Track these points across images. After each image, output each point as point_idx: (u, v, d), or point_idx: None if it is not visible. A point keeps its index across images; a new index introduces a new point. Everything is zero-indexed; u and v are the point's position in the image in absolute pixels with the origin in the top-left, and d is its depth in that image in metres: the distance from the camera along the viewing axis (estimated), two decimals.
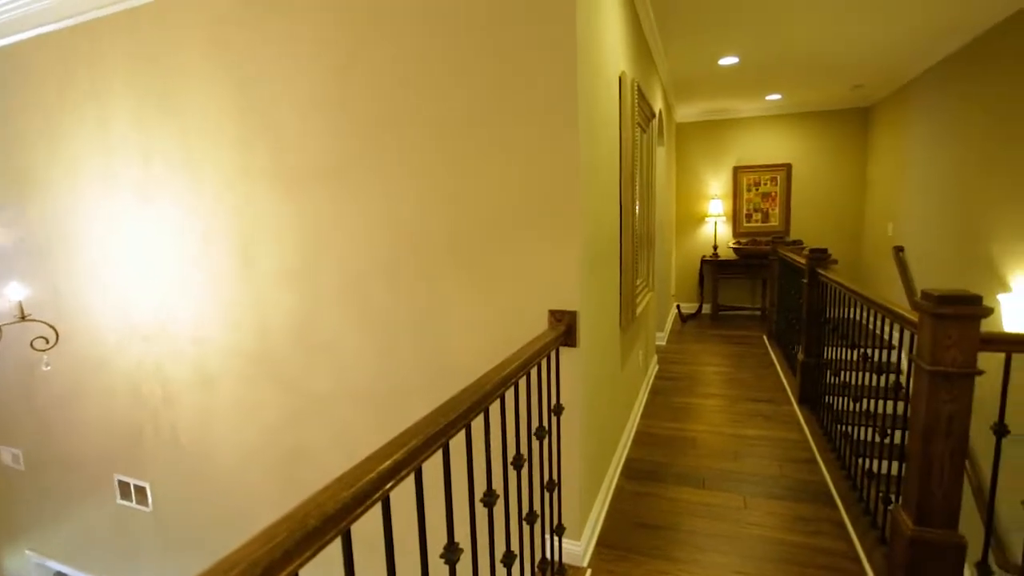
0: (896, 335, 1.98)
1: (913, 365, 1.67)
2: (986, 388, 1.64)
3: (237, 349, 2.51)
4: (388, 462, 0.86)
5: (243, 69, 2.26)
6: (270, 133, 2.25)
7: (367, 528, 1.10)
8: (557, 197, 1.80)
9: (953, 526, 1.62)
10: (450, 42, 1.88)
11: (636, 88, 2.65)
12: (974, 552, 1.71)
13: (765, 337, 5.62)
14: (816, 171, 6.51)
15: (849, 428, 2.61)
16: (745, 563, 2.07)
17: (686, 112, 6.57)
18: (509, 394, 1.45)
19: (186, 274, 2.58)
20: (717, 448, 3.05)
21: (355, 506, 0.78)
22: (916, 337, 1.65)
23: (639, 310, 2.93)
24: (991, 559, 3.16)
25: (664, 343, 5.45)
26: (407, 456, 0.89)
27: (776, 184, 6.65)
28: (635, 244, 2.88)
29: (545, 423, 1.69)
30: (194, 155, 2.44)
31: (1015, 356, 1.59)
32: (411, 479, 0.96)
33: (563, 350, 1.83)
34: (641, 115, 3.05)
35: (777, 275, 5.08)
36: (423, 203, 2.01)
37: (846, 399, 2.67)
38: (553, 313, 1.83)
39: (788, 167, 6.58)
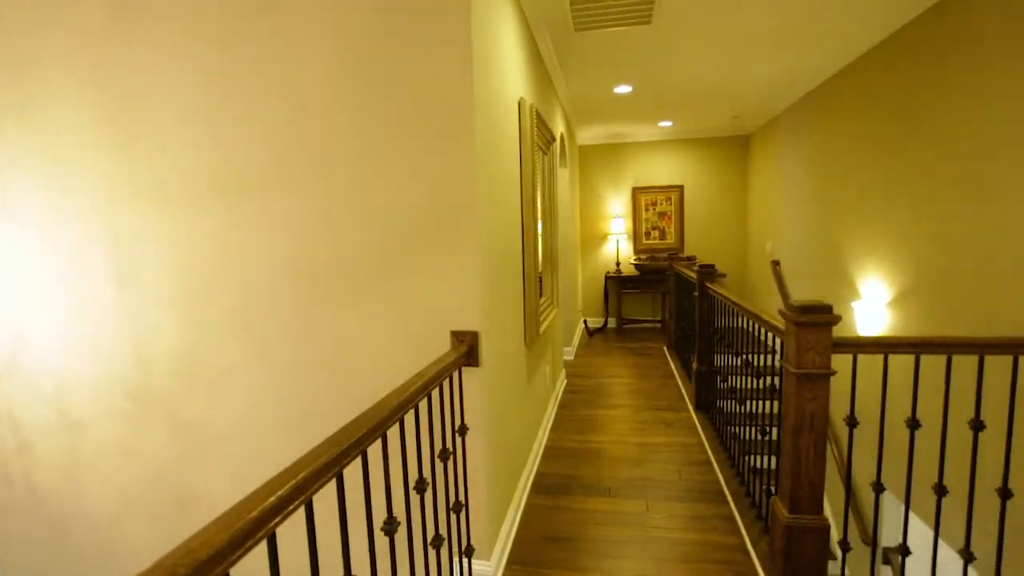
0: (770, 342, 2.19)
1: (782, 368, 1.85)
2: (840, 384, 1.86)
3: (111, 386, 2.27)
4: (272, 498, 0.83)
5: (117, 79, 2.09)
6: (150, 148, 2.09)
7: (253, 571, 1.04)
8: (455, 217, 1.83)
9: (819, 511, 1.80)
10: (344, 56, 1.86)
11: (535, 113, 2.76)
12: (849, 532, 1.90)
13: (665, 348, 5.97)
14: (705, 192, 7.08)
15: (737, 429, 2.83)
16: (648, 565, 2.16)
17: (587, 135, 6.91)
18: (410, 418, 1.44)
19: (47, 301, 2.31)
20: (622, 457, 3.18)
21: (233, 549, 0.73)
22: (784, 343, 1.83)
23: (544, 327, 3.02)
24: (858, 536, 3.53)
25: (572, 357, 5.62)
26: (294, 490, 0.86)
27: (671, 204, 7.14)
28: (538, 262, 2.97)
29: (450, 445, 1.69)
30: (61, 169, 2.21)
31: (859, 357, 1.81)
32: (303, 513, 0.92)
33: (466, 370, 1.84)
34: (541, 138, 3.17)
35: (674, 289, 5.44)
36: (321, 224, 1.96)
37: (734, 402, 2.90)
38: (455, 334, 1.84)
39: (681, 188, 7.09)
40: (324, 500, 1.08)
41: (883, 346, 1.71)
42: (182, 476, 2.25)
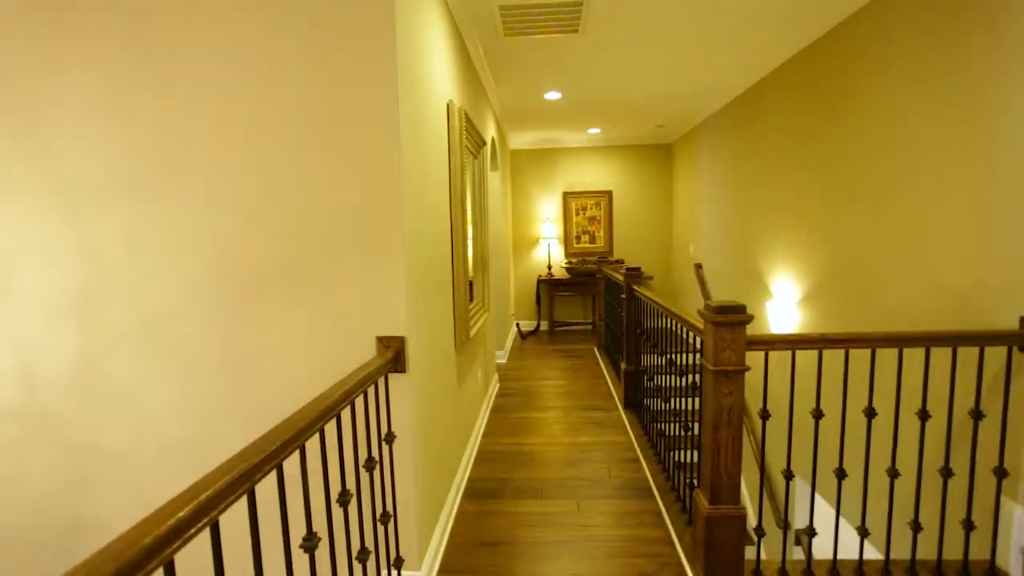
0: (693, 341, 2.29)
1: (702, 366, 1.94)
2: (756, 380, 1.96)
3: None
4: (170, 522, 0.76)
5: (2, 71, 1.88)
6: (34, 141, 1.90)
7: None
8: (380, 220, 1.78)
9: (737, 501, 1.89)
10: (264, 55, 1.77)
11: (464, 116, 2.75)
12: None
13: (596, 349, 6.11)
14: (633, 198, 7.33)
15: (663, 426, 2.94)
16: (579, 564, 2.19)
17: (519, 140, 6.98)
18: (332, 428, 1.38)
19: None
20: (554, 458, 3.22)
21: None
22: (703, 342, 1.92)
23: (474, 331, 3.01)
24: (775, 521, 3.75)
25: (505, 360, 5.64)
26: (196, 512, 0.79)
27: (600, 209, 7.34)
28: (468, 266, 2.95)
29: (376, 453, 1.64)
30: None
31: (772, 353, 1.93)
32: (207, 536, 0.85)
33: (393, 376, 1.79)
34: (471, 142, 3.16)
35: (603, 292, 5.58)
36: (238, 229, 1.84)
37: (659, 400, 3.00)
38: (381, 340, 1.79)
39: (609, 194, 7.31)
40: (236, 520, 1.01)
41: (791, 343, 1.83)
42: (73, 502, 2.05)
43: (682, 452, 2.65)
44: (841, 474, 1.92)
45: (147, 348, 1.94)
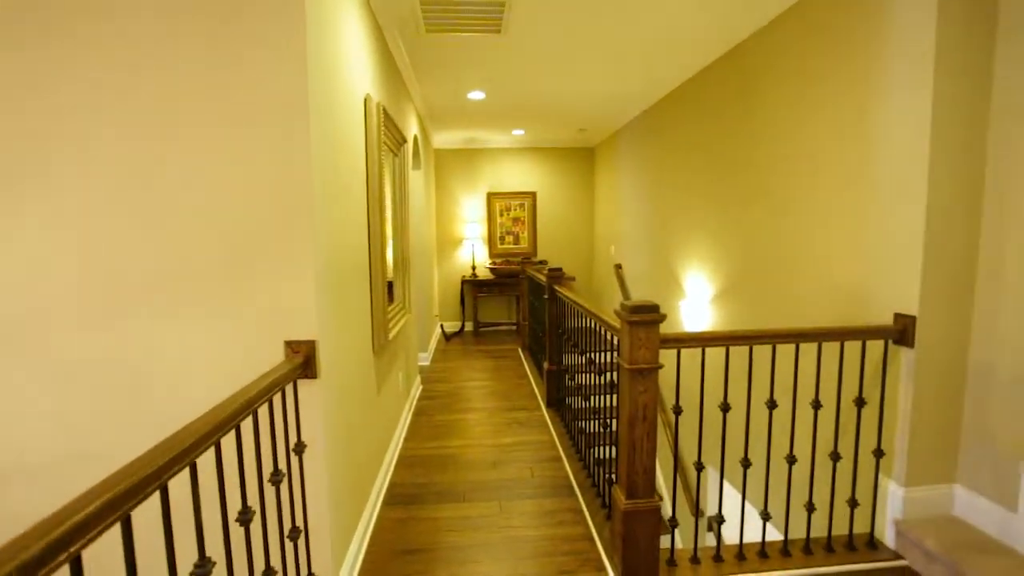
0: (610, 340, 2.34)
1: (618, 364, 1.98)
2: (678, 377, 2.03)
3: None
4: (24, 556, 0.66)
5: None
6: None
7: None
8: (289, 217, 1.67)
9: (652, 495, 1.96)
10: (164, 40, 1.61)
11: (383, 111, 2.66)
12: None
13: (520, 349, 6.16)
14: (556, 199, 7.46)
15: (584, 424, 2.99)
16: (501, 566, 2.18)
17: (444, 139, 6.90)
18: (230, 441, 1.27)
19: None
20: (477, 460, 3.19)
21: None
22: (619, 341, 1.96)
23: (394, 333, 2.92)
24: (691, 510, 3.93)
25: (428, 363, 5.55)
26: (51, 547, 0.69)
27: (524, 210, 7.41)
28: (387, 266, 2.87)
29: (285, 466, 1.53)
30: None
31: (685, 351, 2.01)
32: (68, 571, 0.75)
33: (303, 383, 1.69)
34: (391, 138, 3.07)
35: (527, 292, 5.63)
36: (130, 228, 1.67)
37: (580, 399, 3.06)
38: (290, 344, 1.68)
39: (534, 195, 7.39)
40: (110, 550, 0.90)
41: (701, 340, 1.91)
42: None
43: (602, 448, 2.71)
44: (746, 463, 2.04)
45: (18, 360, 1.71)
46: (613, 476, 2.32)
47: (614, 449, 2.52)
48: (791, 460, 2.06)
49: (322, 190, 1.79)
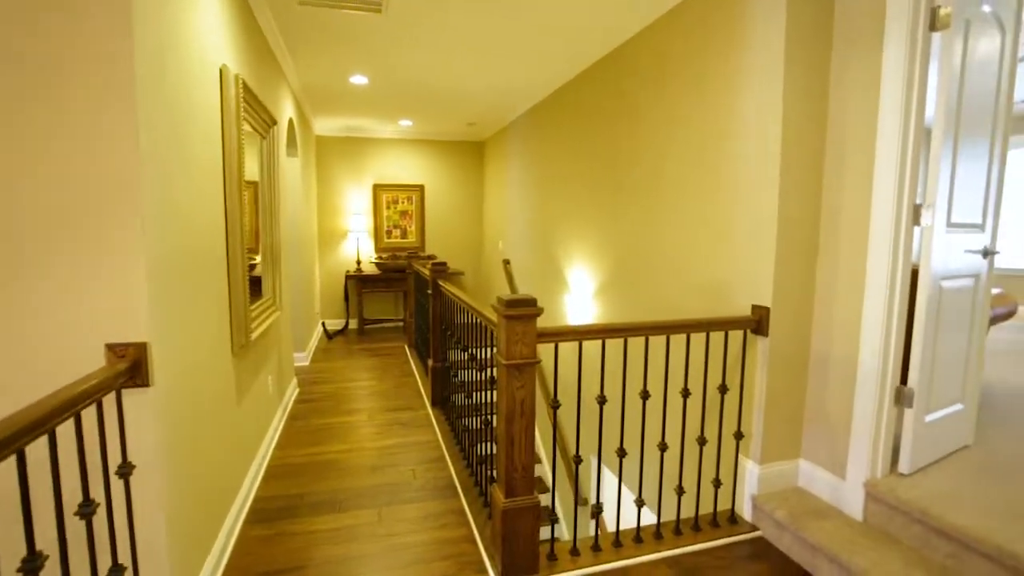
0: (492, 335, 2.29)
1: (496, 360, 1.93)
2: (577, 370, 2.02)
3: None
4: None
5: None
6: None
7: None
8: (111, 204, 1.41)
9: (531, 491, 1.93)
10: None
11: (243, 86, 2.39)
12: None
13: (406, 347, 5.97)
14: (445, 193, 7.33)
15: (467, 421, 2.92)
16: None
17: (327, 126, 6.49)
18: (9, 470, 1.03)
19: None
20: (356, 465, 3.00)
21: None
22: (496, 336, 1.91)
23: (259, 332, 2.65)
24: (580, 499, 4.01)
25: (307, 363, 5.19)
26: None
27: (412, 203, 7.20)
28: (246, 257, 2.59)
29: (104, 493, 1.29)
30: None
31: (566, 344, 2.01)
32: None
33: (131, 392, 1.44)
34: (256, 118, 2.78)
35: (413, 288, 5.46)
36: None
37: (464, 396, 2.99)
38: (113, 347, 1.42)
39: (422, 188, 7.21)
40: None
41: (578, 334, 1.92)
42: None
43: (484, 446, 2.66)
44: (621, 453, 2.09)
45: None
46: (493, 474, 2.28)
47: (495, 446, 2.48)
48: (663, 447, 2.14)
49: (157, 172, 1.53)
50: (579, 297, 4.09)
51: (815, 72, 2.12)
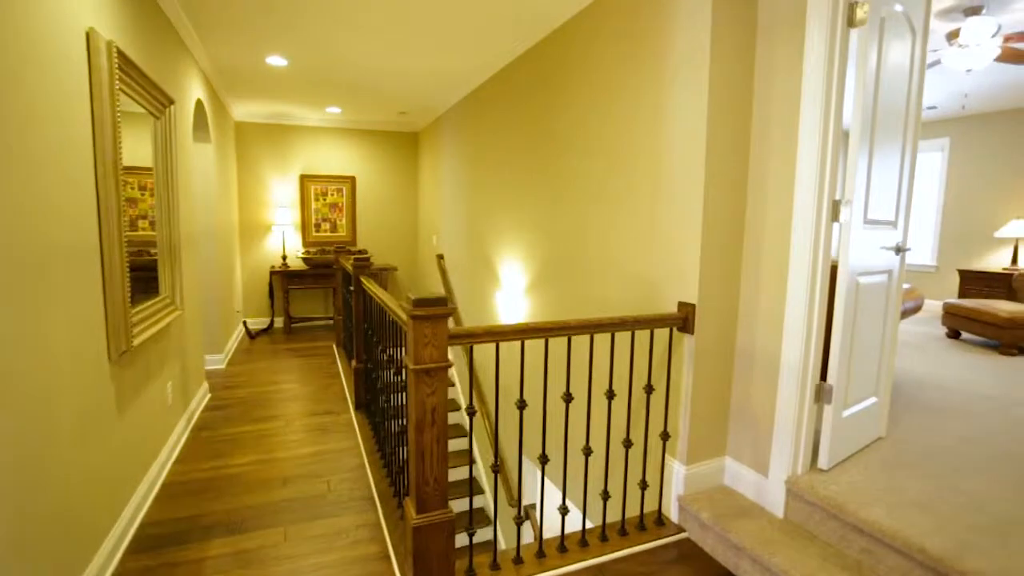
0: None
1: (404, 365, 1.77)
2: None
3: None
4: None
5: None
6: None
7: None
8: None
9: (444, 505, 1.79)
10: None
11: (115, 53, 2.08)
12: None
13: (335, 346, 5.68)
14: (378, 185, 7.03)
15: (390, 425, 2.74)
16: None
17: (248, 111, 6.06)
18: None
19: None
20: (266, 478, 2.76)
21: None
22: (406, 337, 1.75)
23: (146, 336, 2.35)
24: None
25: (223, 366, 4.81)
26: None
27: (343, 195, 6.86)
28: (124, 251, 2.31)
29: None
30: None
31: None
32: None
33: None
34: (144, 96, 2.47)
35: (341, 284, 5.18)
36: None
37: (384, 399, 2.80)
38: None
39: (353, 180, 6.88)
40: None
41: (494, 335, 1.78)
42: None
43: (405, 452, 2.49)
44: (544, 459, 1.98)
45: None
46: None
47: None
48: (587, 452, 2.05)
49: None
50: (510, 294, 3.98)
51: (740, 66, 2.08)
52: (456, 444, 4.84)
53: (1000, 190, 5.78)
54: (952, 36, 3.56)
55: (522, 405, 1.89)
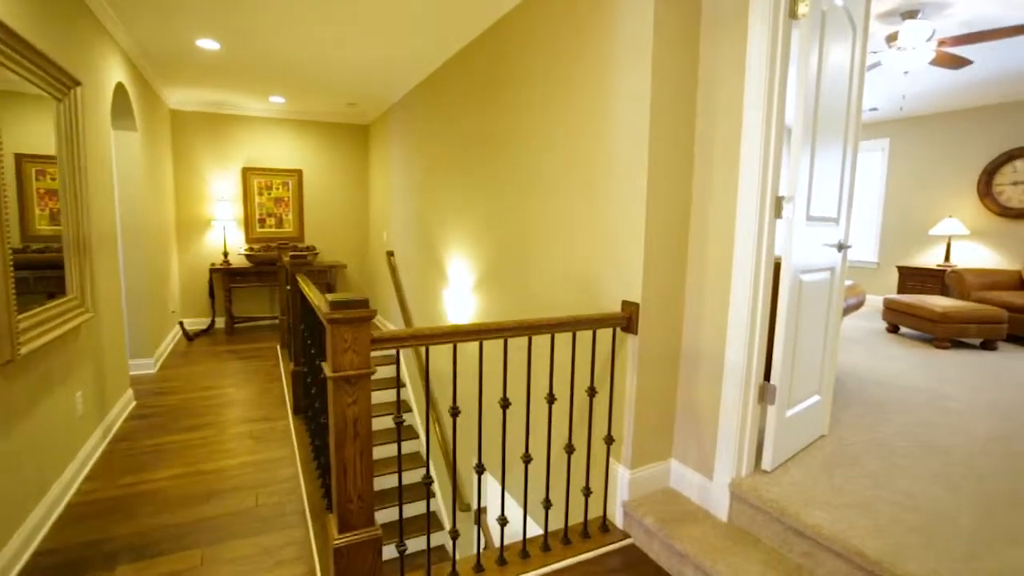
0: None
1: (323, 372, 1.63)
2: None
3: None
4: None
5: None
6: None
7: None
8: None
9: (371, 522, 1.66)
10: None
11: None
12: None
13: (280, 347, 5.42)
14: (327, 180, 6.76)
15: (325, 432, 2.58)
16: None
17: (184, 99, 5.69)
18: None
19: None
20: (186, 494, 2.55)
21: None
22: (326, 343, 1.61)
23: (40, 343, 2.11)
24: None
25: (154, 371, 4.50)
26: None
27: (289, 189, 6.57)
28: (9, 251, 2.07)
29: None
30: None
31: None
32: None
33: None
34: (36, 74, 2.23)
35: (284, 282, 4.93)
36: None
37: (318, 403, 2.63)
38: None
39: (300, 173, 6.59)
40: None
41: (422, 338, 1.66)
42: None
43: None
44: (480, 468, 1.87)
45: None
46: None
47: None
48: (527, 459, 1.95)
49: None
50: (458, 292, 3.85)
51: (684, 58, 2.01)
52: (407, 447, 4.68)
53: (934, 190, 6.02)
54: (891, 38, 3.63)
55: (455, 412, 1.77)
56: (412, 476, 4.46)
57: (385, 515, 4.00)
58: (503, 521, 1.95)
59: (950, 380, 3.24)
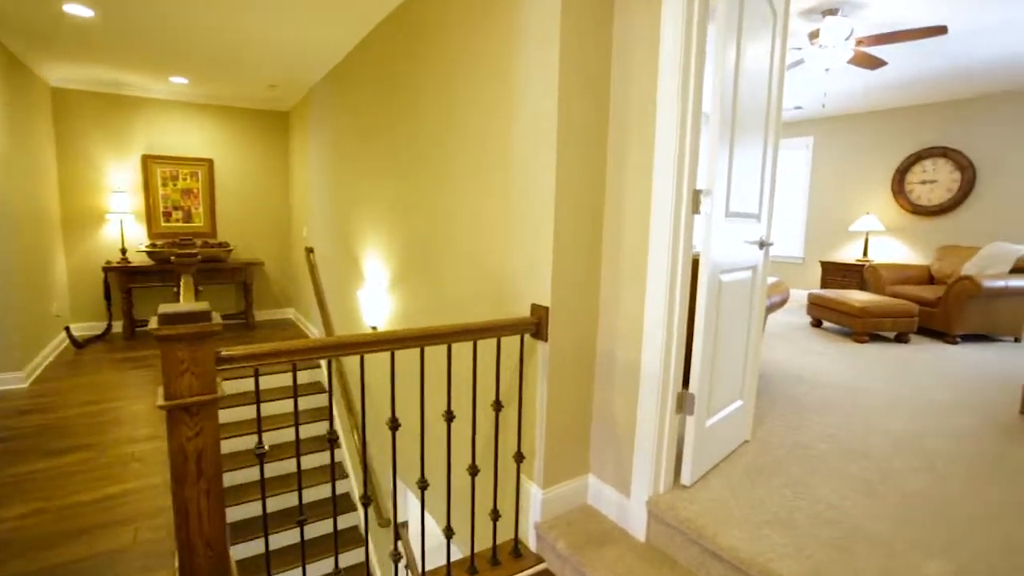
0: None
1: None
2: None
3: None
4: None
5: None
6: None
7: None
8: None
9: (226, 572, 1.39)
10: None
11: None
12: None
13: None
14: (243, 170, 6.26)
15: None
16: None
17: (67, 76, 5.06)
18: None
19: None
20: (45, 535, 2.17)
21: None
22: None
23: None
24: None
25: (24, 385, 3.97)
26: None
27: (199, 180, 6.03)
28: None
29: None
30: None
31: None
32: None
33: None
34: None
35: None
36: None
37: None
38: None
39: (210, 162, 6.06)
40: None
41: (283, 355, 1.39)
42: None
43: None
44: (366, 500, 1.63)
45: None
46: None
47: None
48: (423, 485, 1.73)
49: None
50: (373, 292, 3.57)
51: (596, 38, 1.83)
52: (322, 459, 4.34)
53: (854, 187, 6.22)
54: (813, 36, 3.63)
55: (333, 436, 1.53)
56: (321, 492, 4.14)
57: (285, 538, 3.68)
58: (396, 556, 1.72)
59: (868, 375, 3.27)
